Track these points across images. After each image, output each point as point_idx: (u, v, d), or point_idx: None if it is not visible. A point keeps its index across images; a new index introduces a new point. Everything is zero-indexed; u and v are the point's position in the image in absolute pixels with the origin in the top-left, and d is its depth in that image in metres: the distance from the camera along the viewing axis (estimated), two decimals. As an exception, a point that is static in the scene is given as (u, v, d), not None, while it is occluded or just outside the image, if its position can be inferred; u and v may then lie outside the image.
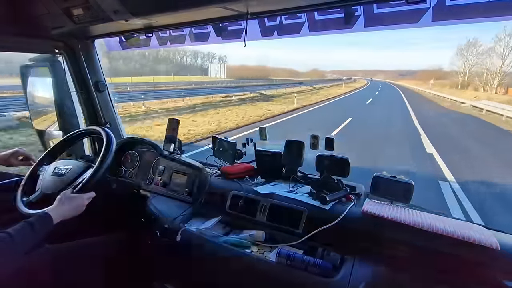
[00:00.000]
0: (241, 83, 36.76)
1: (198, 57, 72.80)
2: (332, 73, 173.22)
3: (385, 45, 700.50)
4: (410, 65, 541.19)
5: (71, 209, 1.00)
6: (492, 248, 0.81)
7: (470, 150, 7.00)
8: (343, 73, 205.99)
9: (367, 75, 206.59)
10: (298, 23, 1.23)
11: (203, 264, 1.07)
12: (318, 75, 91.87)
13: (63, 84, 1.66)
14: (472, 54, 38.90)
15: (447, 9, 0.97)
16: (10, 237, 0.81)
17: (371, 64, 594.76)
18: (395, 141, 7.69)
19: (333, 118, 11.76)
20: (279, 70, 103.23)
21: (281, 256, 0.94)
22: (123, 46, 1.66)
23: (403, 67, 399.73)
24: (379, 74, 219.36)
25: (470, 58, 39.18)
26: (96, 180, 1.11)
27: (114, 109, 1.79)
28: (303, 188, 1.22)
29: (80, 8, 1.07)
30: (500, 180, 4.78)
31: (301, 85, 36.37)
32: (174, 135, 1.42)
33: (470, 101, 18.98)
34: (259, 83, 38.24)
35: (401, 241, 0.91)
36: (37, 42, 1.41)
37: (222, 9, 0.95)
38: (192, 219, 1.24)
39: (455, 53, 43.26)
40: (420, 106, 17.86)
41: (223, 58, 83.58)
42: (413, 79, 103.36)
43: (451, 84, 40.80)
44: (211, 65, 30.09)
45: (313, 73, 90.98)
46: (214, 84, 32.45)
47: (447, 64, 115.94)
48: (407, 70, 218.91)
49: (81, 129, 1.34)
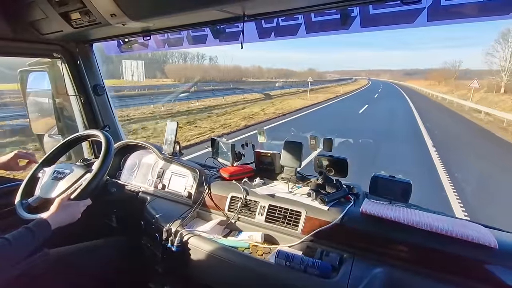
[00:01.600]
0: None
1: (187, 58, 68.07)
2: (335, 74, 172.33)
3: (391, 45, 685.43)
4: (417, 64, 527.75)
5: (66, 216, 1.00)
6: (490, 246, 0.81)
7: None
8: (348, 73, 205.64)
9: (371, 75, 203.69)
10: (295, 24, 1.24)
11: (202, 266, 1.07)
12: (314, 75, 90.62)
13: (62, 88, 1.67)
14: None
15: (442, 9, 0.98)
16: (9, 243, 0.82)
17: (375, 64, 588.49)
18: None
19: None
20: (272, 71, 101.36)
21: (280, 257, 0.94)
22: (121, 49, 1.67)
23: (410, 66, 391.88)
24: (384, 74, 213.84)
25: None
26: (94, 186, 1.10)
27: (113, 112, 1.79)
28: (302, 189, 1.22)
29: (78, 12, 1.07)
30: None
31: (279, 89, 28.85)
32: (173, 138, 1.42)
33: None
34: (209, 87, 28.20)
35: (400, 240, 0.91)
36: (36, 46, 1.42)
37: (218, 11, 0.96)
38: (191, 221, 1.24)
39: (487, 50, 29.88)
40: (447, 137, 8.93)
41: (214, 58, 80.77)
42: (422, 78, 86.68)
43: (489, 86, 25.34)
44: (125, 64, 24.58)
45: (308, 73, 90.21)
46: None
47: (471, 62, 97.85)
48: (414, 69, 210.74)
49: (80, 132, 1.34)
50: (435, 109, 18.50)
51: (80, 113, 1.70)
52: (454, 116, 14.83)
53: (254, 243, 1.08)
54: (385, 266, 0.89)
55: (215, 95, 19.38)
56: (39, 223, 0.92)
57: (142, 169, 1.56)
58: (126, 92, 19.23)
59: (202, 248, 1.06)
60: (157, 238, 1.17)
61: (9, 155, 1.19)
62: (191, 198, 1.30)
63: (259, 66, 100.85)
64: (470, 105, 17.32)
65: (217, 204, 1.24)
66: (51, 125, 1.76)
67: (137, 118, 10.84)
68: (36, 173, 1.21)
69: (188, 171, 1.38)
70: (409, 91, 38.59)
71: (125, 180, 1.57)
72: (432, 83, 47.08)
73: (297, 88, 32.74)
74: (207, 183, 1.29)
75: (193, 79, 40.07)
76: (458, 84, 34.63)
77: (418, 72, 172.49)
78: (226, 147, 1.40)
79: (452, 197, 4.27)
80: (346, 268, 0.90)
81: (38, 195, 1.13)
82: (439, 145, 7.39)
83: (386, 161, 5.96)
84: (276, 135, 7.37)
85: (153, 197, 1.40)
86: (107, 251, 1.27)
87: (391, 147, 7.17)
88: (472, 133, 10.46)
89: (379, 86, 49.19)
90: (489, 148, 8.20)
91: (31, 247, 0.89)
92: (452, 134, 9.76)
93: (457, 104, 19.53)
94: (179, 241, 1.10)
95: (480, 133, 10.42)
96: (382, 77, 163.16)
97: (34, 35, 1.28)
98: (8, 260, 0.83)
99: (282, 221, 1.09)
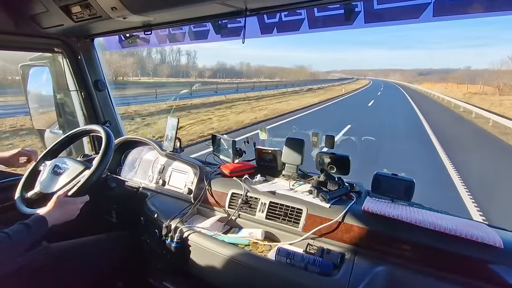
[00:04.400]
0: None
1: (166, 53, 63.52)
2: (341, 73, 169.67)
3: (403, 44, 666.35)
4: (433, 64, 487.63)
5: (64, 214, 1.00)
6: (495, 246, 0.79)
7: None
8: (353, 73, 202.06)
9: (379, 75, 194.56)
10: (298, 19, 1.23)
11: (202, 262, 1.06)
12: (305, 75, 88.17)
13: (63, 83, 1.66)
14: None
15: (448, 4, 0.96)
16: (9, 237, 0.82)
17: (385, 64, 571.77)
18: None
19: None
20: (264, 68, 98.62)
21: (280, 255, 0.93)
22: (123, 44, 1.66)
23: (424, 66, 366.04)
24: (394, 74, 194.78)
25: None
26: (92, 183, 1.10)
27: (114, 108, 1.78)
28: (303, 186, 1.21)
29: (78, 5, 1.06)
30: None
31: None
32: (174, 134, 1.42)
33: None
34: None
35: (402, 239, 0.90)
36: (37, 41, 1.41)
37: (220, 5, 0.95)
38: (191, 218, 1.23)
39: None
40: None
41: (191, 53, 75.00)
42: (440, 80, 65.08)
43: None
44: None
45: (299, 72, 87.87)
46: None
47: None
48: (428, 69, 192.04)
49: (81, 127, 1.33)
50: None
51: (81, 109, 1.70)
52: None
53: (254, 240, 1.07)
54: (387, 265, 0.87)
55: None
56: (37, 219, 0.92)
57: (142, 165, 1.56)
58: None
59: (202, 244, 1.05)
60: (157, 234, 1.17)
61: (12, 151, 1.21)
62: (192, 195, 1.29)
63: (248, 63, 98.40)
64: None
65: (218, 201, 1.23)
66: (52, 120, 1.76)
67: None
68: (37, 167, 1.21)
69: (189, 168, 1.37)
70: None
71: (125, 176, 1.56)
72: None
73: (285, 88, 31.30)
74: (208, 180, 1.28)
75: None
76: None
77: (431, 72, 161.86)
78: (227, 143, 1.39)
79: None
80: (347, 266, 0.89)
81: (38, 189, 1.13)
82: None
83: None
84: (277, 133, 7.03)
85: (153, 193, 1.40)
86: (107, 246, 1.27)
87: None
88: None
89: (380, 87, 46.64)
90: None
91: (28, 242, 0.89)
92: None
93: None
94: (179, 237, 1.09)
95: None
96: (391, 77, 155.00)
97: (35, 29, 1.27)
98: (9, 253, 0.83)
99: (283, 218, 1.08)
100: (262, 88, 23.72)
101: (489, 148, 8.35)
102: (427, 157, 6.62)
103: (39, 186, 1.13)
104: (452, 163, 6.06)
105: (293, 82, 37.53)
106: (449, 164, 6.00)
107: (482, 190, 4.74)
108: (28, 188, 1.14)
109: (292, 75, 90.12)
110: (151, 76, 51.78)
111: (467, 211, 4.00)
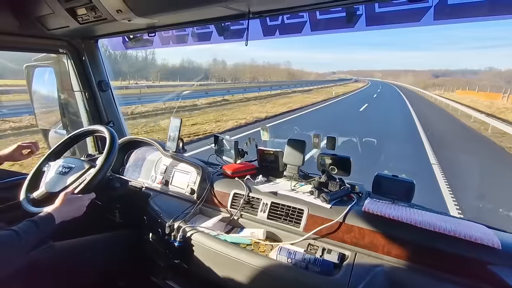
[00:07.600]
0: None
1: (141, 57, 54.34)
2: (348, 74, 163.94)
3: (415, 46, 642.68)
4: (453, 64, 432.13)
5: (71, 210, 1.02)
6: (493, 247, 0.80)
7: None
8: (361, 73, 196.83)
9: (386, 76, 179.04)
10: (300, 22, 1.24)
11: (204, 261, 1.08)
12: (294, 76, 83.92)
13: (67, 84, 1.68)
14: None
15: (449, 8, 0.97)
16: (17, 235, 0.83)
17: (396, 64, 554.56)
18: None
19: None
20: (258, 68, 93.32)
21: (282, 254, 0.94)
22: (126, 45, 1.68)
23: (438, 66, 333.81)
24: (404, 75, 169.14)
25: None
26: (98, 181, 1.12)
27: (117, 108, 1.80)
28: (305, 187, 1.23)
29: (84, 8, 1.08)
30: None
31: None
32: (177, 134, 1.43)
33: None
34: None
35: (402, 240, 0.91)
36: (42, 42, 1.43)
37: (223, 8, 0.96)
38: (193, 218, 1.25)
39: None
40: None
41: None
42: (465, 84, 46.60)
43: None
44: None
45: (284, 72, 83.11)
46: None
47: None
48: (444, 71, 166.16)
49: (84, 128, 1.35)
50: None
51: (84, 109, 1.71)
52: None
53: (256, 240, 1.08)
54: (387, 265, 0.89)
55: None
56: (44, 216, 0.93)
57: (145, 165, 1.57)
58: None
59: (204, 243, 1.07)
60: (160, 233, 1.18)
61: (12, 147, 1.22)
62: (194, 195, 1.31)
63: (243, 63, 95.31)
64: None
65: (220, 201, 1.24)
66: (56, 120, 1.78)
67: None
68: (41, 167, 1.23)
69: (192, 168, 1.39)
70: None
71: (128, 176, 1.58)
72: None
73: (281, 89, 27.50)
74: (210, 180, 1.30)
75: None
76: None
77: (447, 73, 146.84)
78: (229, 144, 1.41)
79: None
80: (347, 266, 0.90)
81: (43, 189, 1.14)
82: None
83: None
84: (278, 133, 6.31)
85: (156, 193, 1.41)
86: (110, 245, 1.28)
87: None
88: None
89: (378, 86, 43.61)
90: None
91: (37, 240, 0.90)
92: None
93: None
94: (181, 237, 1.10)
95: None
96: (400, 80, 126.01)
97: (40, 30, 1.29)
98: (17, 251, 0.84)
99: (284, 218, 1.09)
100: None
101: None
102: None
103: (44, 186, 1.15)
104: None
105: (280, 83, 34.33)
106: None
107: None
108: (33, 189, 1.16)
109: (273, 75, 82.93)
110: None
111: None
